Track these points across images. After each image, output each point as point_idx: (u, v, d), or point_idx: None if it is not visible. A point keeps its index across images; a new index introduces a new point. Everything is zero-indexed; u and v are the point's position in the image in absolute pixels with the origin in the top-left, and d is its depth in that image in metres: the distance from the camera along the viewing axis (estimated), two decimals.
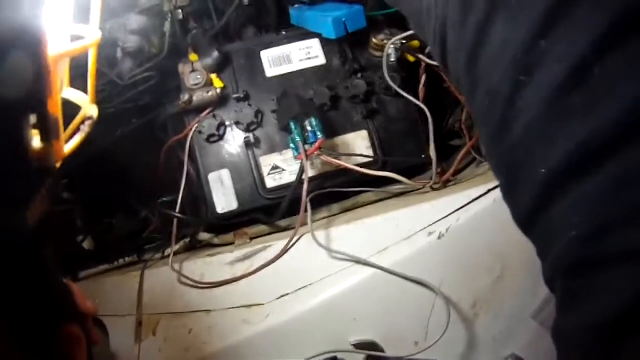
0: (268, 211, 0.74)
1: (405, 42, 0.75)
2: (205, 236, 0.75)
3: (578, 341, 0.26)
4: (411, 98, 0.74)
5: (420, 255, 0.66)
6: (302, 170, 0.68)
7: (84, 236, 0.78)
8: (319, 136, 0.68)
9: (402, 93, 0.74)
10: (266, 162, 0.74)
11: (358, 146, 0.75)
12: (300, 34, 0.78)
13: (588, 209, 0.24)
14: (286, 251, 0.67)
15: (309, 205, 0.68)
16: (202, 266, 0.69)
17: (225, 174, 0.73)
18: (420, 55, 0.75)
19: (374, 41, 0.77)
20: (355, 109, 0.76)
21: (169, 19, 0.78)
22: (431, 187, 0.73)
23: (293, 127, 0.69)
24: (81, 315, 0.46)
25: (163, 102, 0.78)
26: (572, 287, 0.26)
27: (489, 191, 0.68)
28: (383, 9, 0.78)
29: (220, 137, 0.74)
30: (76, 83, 0.47)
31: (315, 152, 0.68)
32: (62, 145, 0.38)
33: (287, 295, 0.65)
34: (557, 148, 0.25)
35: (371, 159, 0.75)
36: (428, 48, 0.75)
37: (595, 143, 0.23)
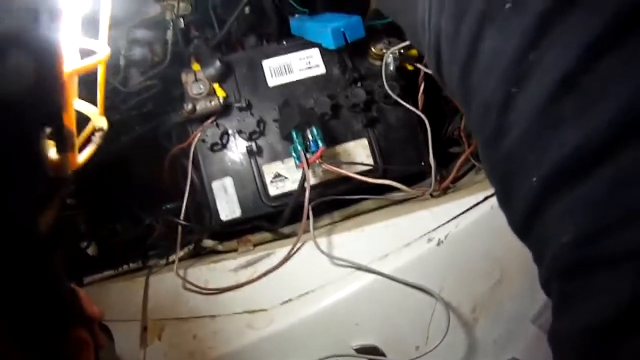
0: (271, 218, 0.76)
1: (403, 51, 0.76)
2: (209, 243, 0.76)
3: (574, 344, 0.26)
4: (410, 106, 0.75)
5: (419, 261, 0.67)
6: (304, 178, 0.70)
7: (88, 242, 0.79)
8: (320, 145, 0.69)
9: (401, 102, 0.75)
10: (269, 171, 0.75)
11: (358, 154, 0.77)
12: (300, 44, 0.79)
13: (582, 213, 0.24)
14: (288, 258, 0.68)
15: (311, 212, 0.70)
16: (207, 272, 0.71)
17: (228, 182, 0.75)
18: (418, 64, 0.77)
19: (373, 50, 0.78)
20: (355, 118, 0.78)
21: (171, 28, 0.79)
22: (430, 195, 0.74)
23: (295, 137, 0.70)
24: (88, 319, 0.48)
25: (166, 110, 0.79)
26: (567, 290, 0.26)
27: (487, 198, 0.69)
28: (382, 19, 0.79)
29: (223, 146, 0.75)
30: (80, 92, 0.48)
31: (316, 161, 0.69)
32: (76, 156, 0.40)
33: (290, 300, 0.66)
34: (550, 155, 0.25)
35: (371, 167, 0.76)
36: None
37: (587, 147, 0.24)
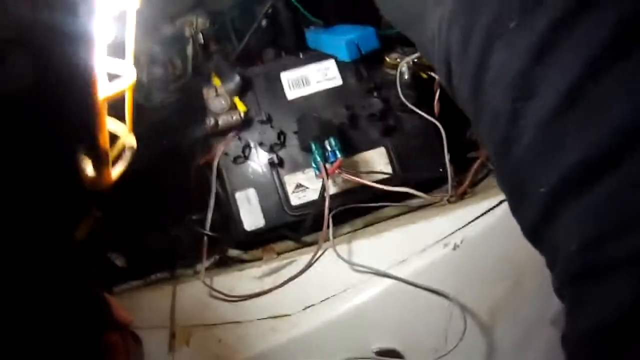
0: (294, 227, 0.78)
1: (417, 60, 0.78)
2: (234, 252, 0.79)
3: (583, 348, 0.26)
4: (424, 114, 0.77)
5: (436, 266, 0.69)
6: (324, 188, 0.72)
7: (117, 254, 0.82)
8: (339, 156, 0.72)
9: (416, 110, 0.77)
10: (290, 181, 0.78)
11: (377, 163, 0.79)
12: (316, 56, 0.82)
13: (587, 220, 0.25)
14: (310, 265, 0.71)
15: (331, 221, 0.72)
16: (232, 280, 0.73)
17: (251, 193, 0.77)
18: (432, 72, 0.78)
19: (388, 60, 0.80)
20: (372, 127, 0.80)
21: (191, 43, 0.83)
22: (448, 200, 0.76)
23: (314, 148, 0.72)
24: (119, 325, 0.51)
25: (189, 123, 0.83)
26: (576, 296, 0.27)
27: (501, 202, 0.71)
28: (396, 28, 0.81)
29: (245, 158, 0.78)
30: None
31: (335, 171, 0.72)
32: (110, 172, 0.43)
33: (312, 306, 0.69)
34: (557, 165, 0.26)
35: (390, 175, 0.78)
36: None
37: (592, 157, 0.24)
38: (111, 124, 0.54)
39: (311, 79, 0.80)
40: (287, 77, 0.80)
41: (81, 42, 0.34)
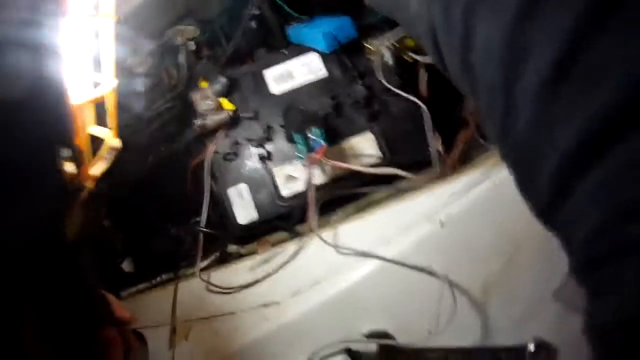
0: (286, 218, 0.79)
1: (397, 44, 0.78)
2: (232, 248, 0.81)
3: (613, 334, 0.24)
4: (407, 96, 0.77)
5: (423, 243, 0.68)
6: (310, 176, 0.73)
7: (124, 259, 0.85)
8: (322, 143, 0.72)
9: (399, 92, 0.77)
10: (280, 173, 0.79)
11: (365, 148, 0.79)
12: (299, 50, 0.83)
13: (603, 198, 0.23)
14: (298, 252, 0.71)
15: (318, 210, 0.73)
16: (227, 274, 0.75)
17: (243, 188, 0.79)
18: (412, 54, 0.78)
19: (369, 46, 0.81)
20: (358, 114, 0.80)
21: (183, 51, 0.86)
22: (436, 179, 0.75)
23: (297, 138, 0.74)
24: (118, 321, 0.53)
25: (185, 129, 0.85)
26: (598, 282, 0.25)
27: (489, 176, 0.70)
28: (376, 14, 0.81)
29: (235, 155, 0.80)
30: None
31: (320, 159, 0.73)
32: (88, 169, 0.46)
33: (300, 292, 0.69)
34: (560, 141, 0.24)
35: (378, 160, 0.78)
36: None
37: (598, 128, 0.22)
38: (97, 130, 0.57)
39: (295, 73, 0.82)
40: (272, 74, 0.82)
41: (47, 55, 0.37)
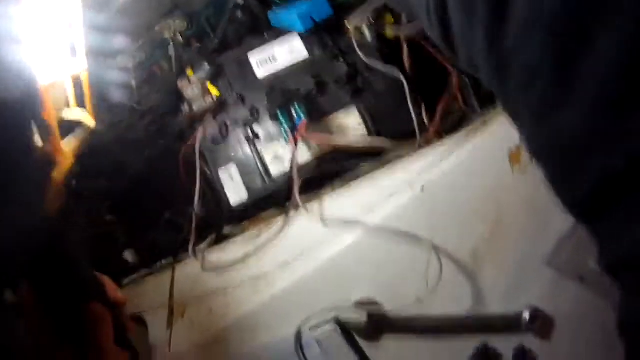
0: (277, 196, 0.81)
1: (376, 20, 0.79)
2: (227, 229, 0.83)
3: None
4: (385, 70, 0.78)
5: (406, 209, 0.69)
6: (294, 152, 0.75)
7: (127, 250, 0.88)
8: (303, 119, 0.74)
9: (379, 68, 0.78)
10: (267, 153, 0.80)
11: (350, 123, 0.80)
12: (280, 33, 0.84)
13: None
14: (285, 226, 0.73)
15: (297, 182, 0.74)
16: (221, 254, 0.77)
17: (233, 170, 0.81)
18: (392, 28, 0.79)
19: (347, 24, 0.82)
20: (341, 90, 0.81)
21: (172, 44, 0.88)
22: (418, 146, 0.76)
23: (280, 116, 0.75)
24: (111, 302, 0.54)
25: (178, 119, 0.87)
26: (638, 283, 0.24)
27: (469, 140, 0.70)
28: None
29: (224, 138, 0.82)
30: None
31: (303, 134, 0.74)
32: (57, 143, 0.49)
33: (289, 264, 0.71)
34: (619, 145, 0.21)
35: (364, 133, 0.79)
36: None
37: None
38: (74, 112, 0.59)
39: (277, 56, 0.83)
40: (255, 58, 0.83)
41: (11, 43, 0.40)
